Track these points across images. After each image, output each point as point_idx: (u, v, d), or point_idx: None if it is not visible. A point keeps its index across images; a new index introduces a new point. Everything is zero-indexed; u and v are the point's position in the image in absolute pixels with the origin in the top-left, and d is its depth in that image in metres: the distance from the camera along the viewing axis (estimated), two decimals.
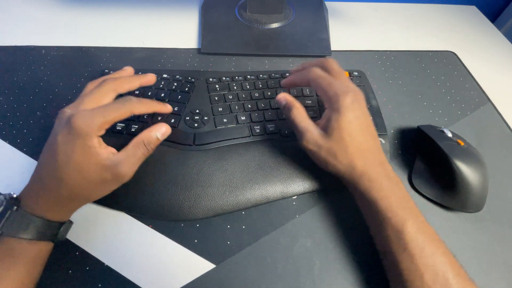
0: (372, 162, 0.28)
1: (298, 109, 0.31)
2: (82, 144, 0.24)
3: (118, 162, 0.25)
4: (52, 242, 0.26)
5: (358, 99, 0.29)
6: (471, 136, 0.39)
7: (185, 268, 0.28)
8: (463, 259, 0.30)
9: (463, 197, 0.31)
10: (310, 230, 0.31)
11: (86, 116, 0.25)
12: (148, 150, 0.27)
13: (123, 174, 0.26)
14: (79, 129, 0.24)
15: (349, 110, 0.28)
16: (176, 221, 0.31)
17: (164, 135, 0.28)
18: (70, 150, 0.24)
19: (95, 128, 0.24)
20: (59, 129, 0.25)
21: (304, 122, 0.30)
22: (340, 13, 0.57)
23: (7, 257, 0.24)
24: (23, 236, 0.24)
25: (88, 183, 0.25)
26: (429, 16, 0.58)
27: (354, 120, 0.28)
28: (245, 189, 0.32)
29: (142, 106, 0.28)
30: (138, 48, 0.47)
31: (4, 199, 0.24)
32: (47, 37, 0.47)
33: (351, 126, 0.28)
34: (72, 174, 0.24)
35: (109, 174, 0.25)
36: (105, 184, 0.26)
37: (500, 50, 0.53)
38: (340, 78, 0.31)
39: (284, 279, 0.28)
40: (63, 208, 0.26)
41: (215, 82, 0.40)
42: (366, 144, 0.29)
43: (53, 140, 0.25)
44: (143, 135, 0.27)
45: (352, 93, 0.29)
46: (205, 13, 0.52)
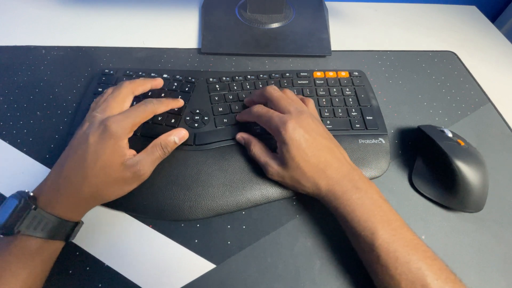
0: (336, 178, 0.28)
1: (255, 145, 0.32)
2: (114, 144, 0.27)
3: (137, 161, 0.28)
4: (64, 241, 0.27)
5: (300, 121, 0.29)
6: (471, 136, 0.39)
7: (186, 268, 0.28)
8: (463, 259, 0.30)
9: (463, 197, 0.31)
10: (310, 230, 0.31)
11: (119, 120, 0.27)
12: (165, 152, 0.30)
13: (141, 173, 0.28)
14: (113, 132, 0.26)
15: (293, 137, 0.28)
16: (177, 221, 0.31)
17: (181, 139, 0.31)
18: (101, 150, 0.26)
19: (127, 131, 0.27)
20: (92, 131, 0.27)
21: (263, 157, 0.31)
22: (340, 13, 0.57)
23: (22, 255, 0.24)
24: (39, 235, 0.24)
25: (110, 181, 0.27)
26: (429, 16, 0.58)
27: (303, 143, 0.29)
28: (245, 189, 0.32)
29: (162, 106, 0.31)
30: (138, 48, 0.47)
31: (22, 197, 0.24)
32: (47, 37, 0.47)
33: (302, 152, 0.28)
34: (98, 172, 0.26)
35: (130, 173, 0.27)
36: (125, 183, 0.28)
37: (500, 50, 0.53)
38: (280, 103, 0.31)
39: (284, 279, 0.28)
40: (81, 207, 0.27)
41: (215, 82, 0.40)
42: (323, 162, 0.29)
43: (83, 141, 0.27)
44: (161, 138, 0.30)
45: (290, 120, 0.29)
46: (205, 13, 0.52)
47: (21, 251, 0.24)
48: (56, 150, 0.35)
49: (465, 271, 0.29)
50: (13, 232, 0.23)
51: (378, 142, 0.36)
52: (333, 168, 0.29)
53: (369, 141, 0.36)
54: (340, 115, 0.38)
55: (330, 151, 0.29)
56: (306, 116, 0.30)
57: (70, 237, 0.27)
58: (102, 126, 0.27)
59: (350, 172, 0.29)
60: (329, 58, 0.47)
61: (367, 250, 0.25)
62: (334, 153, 0.29)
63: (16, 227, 0.23)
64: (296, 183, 0.29)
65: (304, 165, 0.28)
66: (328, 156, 0.29)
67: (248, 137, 0.33)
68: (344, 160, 0.30)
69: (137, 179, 0.28)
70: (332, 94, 0.40)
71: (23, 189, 0.26)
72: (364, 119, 0.37)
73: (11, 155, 0.34)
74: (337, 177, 0.28)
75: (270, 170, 0.30)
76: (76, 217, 0.27)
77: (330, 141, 0.30)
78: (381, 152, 0.35)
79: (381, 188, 0.34)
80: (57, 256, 0.26)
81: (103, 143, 0.26)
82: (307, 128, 0.29)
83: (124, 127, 0.27)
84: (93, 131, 0.27)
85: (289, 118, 0.29)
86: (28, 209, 0.24)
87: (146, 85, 0.33)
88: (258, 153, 0.32)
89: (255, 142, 0.32)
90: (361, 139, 0.36)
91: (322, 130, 0.30)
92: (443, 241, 0.31)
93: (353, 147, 0.35)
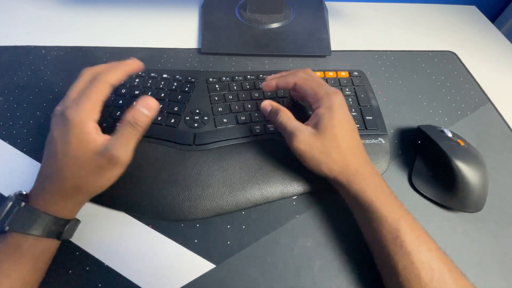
0: (363, 160, 0.29)
1: (284, 111, 0.31)
2: (78, 132, 0.25)
3: (110, 145, 0.25)
4: (58, 239, 0.26)
5: (344, 101, 0.30)
6: (471, 136, 0.39)
7: (185, 268, 0.28)
8: (463, 259, 0.30)
9: (463, 197, 0.31)
10: (310, 230, 0.31)
11: (75, 104, 0.25)
12: (137, 129, 0.26)
13: (116, 157, 0.25)
14: (72, 119, 0.25)
15: (340, 109, 0.29)
16: (176, 221, 0.31)
17: (151, 109, 0.26)
18: (67, 140, 0.25)
19: (86, 113, 0.25)
20: (54, 125, 0.26)
21: (293, 123, 0.30)
22: (340, 13, 0.57)
23: (14, 253, 0.24)
24: (30, 232, 0.24)
25: (86, 172, 0.25)
26: (429, 16, 0.58)
27: (345, 119, 0.29)
28: (245, 189, 0.32)
29: (113, 73, 0.27)
30: (138, 48, 0.47)
31: (13, 196, 0.25)
32: (47, 37, 0.47)
33: (342, 125, 0.29)
34: (70, 164, 0.25)
35: (104, 159, 0.25)
36: (103, 171, 0.26)
37: (500, 50, 0.53)
38: (323, 83, 0.32)
39: (284, 279, 0.28)
40: (68, 202, 0.26)
41: (215, 82, 0.40)
42: (355, 143, 0.30)
43: (50, 137, 0.26)
44: (128, 113, 0.26)
45: (341, 94, 0.30)
46: (205, 13, 0.52)
47: (12, 249, 0.24)
48: None
49: (465, 271, 0.29)
50: (4, 229, 0.24)
51: (378, 142, 0.36)
52: (362, 152, 0.30)
53: (369, 141, 0.36)
54: None
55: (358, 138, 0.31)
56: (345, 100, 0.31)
57: (62, 235, 0.26)
58: (61, 117, 0.25)
59: (369, 161, 0.30)
60: (329, 58, 0.47)
61: (390, 237, 0.25)
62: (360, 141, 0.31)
63: (6, 224, 0.24)
64: (325, 154, 0.28)
65: (341, 138, 0.29)
66: (358, 140, 0.30)
67: (277, 104, 0.32)
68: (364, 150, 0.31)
69: (116, 165, 0.25)
70: None
71: (23, 188, 0.26)
72: (364, 119, 0.37)
73: (11, 155, 0.34)
74: (363, 162, 0.29)
75: (301, 136, 0.29)
76: (67, 213, 0.27)
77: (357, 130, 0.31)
78: (381, 152, 0.35)
79: None
80: (51, 255, 0.26)
81: (67, 133, 0.25)
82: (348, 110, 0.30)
83: (82, 110, 0.25)
84: (55, 124, 0.26)
85: (339, 92, 0.30)
86: (17, 206, 0.24)
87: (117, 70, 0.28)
88: (286, 119, 0.30)
89: (285, 109, 0.31)
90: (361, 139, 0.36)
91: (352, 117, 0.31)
92: (443, 241, 0.31)
93: None
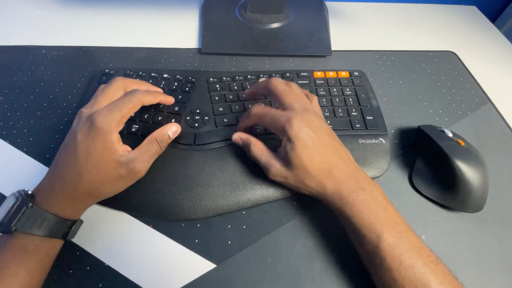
0: (341, 178, 0.27)
1: (255, 145, 0.31)
2: (103, 140, 0.26)
3: (133, 158, 0.27)
4: (63, 240, 0.27)
5: (305, 118, 0.28)
6: (472, 136, 0.39)
7: (186, 268, 0.28)
8: (463, 259, 0.30)
9: (463, 197, 0.31)
10: (311, 230, 0.31)
11: (105, 114, 0.26)
12: (160, 147, 0.29)
13: (137, 170, 0.27)
14: (100, 127, 0.26)
15: (299, 135, 0.27)
16: (177, 221, 0.31)
17: (175, 134, 0.30)
18: (91, 147, 0.25)
19: (114, 124, 0.26)
20: (79, 128, 0.26)
21: (265, 158, 0.30)
22: (341, 13, 0.57)
23: (20, 253, 0.24)
24: (36, 233, 0.24)
25: (105, 179, 0.26)
26: (429, 16, 0.58)
27: (309, 141, 0.27)
28: (245, 189, 0.32)
29: (149, 96, 0.30)
30: (138, 48, 0.47)
31: (20, 195, 0.25)
32: (47, 37, 0.47)
33: (307, 150, 0.27)
34: (91, 170, 0.26)
35: (124, 170, 0.27)
36: (120, 180, 0.27)
37: (500, 50, 0.53)
38: (285, 97, 0.30)
39: (284, 279, 0.28)
40: (78, 205, 0.27)
41: (215, 82, 0.40)
42: (329, 162, 0.28)
43: (72, 139, 0.26)
44: (156, 133, 0.29)
45: (295, 117, 0.28)
46: (206, 13, 0.52)
47: (18, 249, 0.24)
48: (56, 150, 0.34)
49: (465, 271, 0.29)
50: (11, 229, 0.23)
51: (378, 142, 0.36)
52: (338, 169, 0.28)
53: (369, 141, 0.36)
54: (341, 115, 0.38)
55: (335, 150, 0.29)
56: (311, 114, 0.29)
57: (68, 235, 0.27)
58: (88, 122, 0.26)
59: (355, 172, 0.28)
60: (329, 58, 0.47)
61: (371, 253, 0.25)
62: (339, 152, 0.29)
63: (13, 224, 0.23)
64: (301, 183, 0.28)
65: (309, 164, 0.27)
66: (334, 156, 0.28)
67: (246, 137, 0.31)
68: (349, 160, 0.29)
69: (133, 176, 0.28)
70: (333, 94, 0.40)
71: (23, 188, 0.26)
72: (365, 119, 0.37)
73: (11, 155, 0.34)
74: (343, 177, 0.27)
75: (273, 170, 0.29)
76: (74, 215, 0.27)
77: (335, 140, 0.29)
78: (381, 152, 0.35)
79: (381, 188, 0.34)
80: (55, 255, 0.26)
81: (92, 139, 0.26)
82: (312, 126, 0.28)
83: (111, 121, 0.26)
84: (81, 128, 0.26)
85: (294, 115, 0.28)
86: (24, 206, 0.24)
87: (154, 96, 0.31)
88: (259, 153, 0.30)
89: (255, 141, 0.31)
90: (362, 139, 0.36)
91: (326, 129, 0.29)
92: (443, 241, 0.31)
93: (354, 147, 0.35)
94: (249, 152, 0.31)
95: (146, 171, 0.28)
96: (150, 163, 0.29)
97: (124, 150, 0.27)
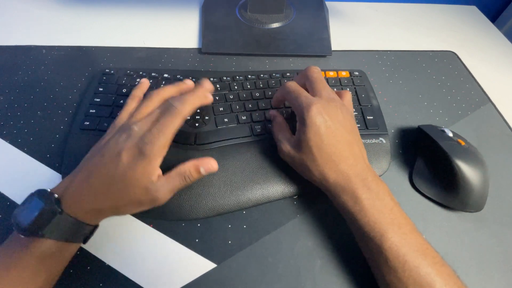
0: (347, 174, 0.27)
1: (277, 121, 0.32)
2: (147, 165, 0.25)
3: (159, 187, 0.25)
4: (84, 243, 0.27)
5: (328, 107, 0.28)
6: (472, 136, 0.39)
7: (186, 267, 0.28)
8: (463, 259, 0.30)
9: (463, 197, 0.31)
10: (311, 230, 0.31)
11: (155, 140, 0.25)
12: (187, 182, 0.27)
13: (159, 199, 0.26)
14: (148, 154, 0.24)
15: (314, 121, 0.27)
16: (177, 220, 0.31)
17: (208, 171, 0.27)
18: (132, 169, 0.24)
19: (163, 151, 0.25)
20: (126, 147, 0.25)
21: (280, 134, 0.31)
22: (341, 13, 0.57)
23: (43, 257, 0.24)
24: (61, 238, 0.24)
25: (129, 201, 0.25)
26: (429, 16, 0.58)
27: (322, 129, 0.27)
28: (246, 188, 0.32)
29: (187, 106, 0.27)
30: (138, 48, 0.47)
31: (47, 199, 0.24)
32: (48, 37, 0.47)
33: (318, 137, 0.27)
34: (122, 190, 0.25)
35: (149, 197, 0.25)
36: (140, 205, 0.26)
37: (500, 50, 0.53)
38: (316, 84, 0.30)
39: (285, 279, 0.28)
40: (100, 215, 0.26)
41: (216, 82, 0.40)
42: (338, 155, 0.27)
43: (116, 154, 0.25)
44: (188, 166, 0.27)
45: (317, 103, 0.28)
46: (206, 13, 0.52)
47: (42, 253, 0.23)
48: (56, 150, 0.35)
49: (465, 271, 0.29)
50: (37, 235, 0.23)
51: (379, 142, 0.36)
52: (347, 163, 0.27)
53: (369, 141, 0.36)
54: None
55: (349, 145, 0.28)
56: (336, 105, 0.29)
57: (88, 239, 0.27)
58: (138, 148, 0.25)
59: (364, 171, 0.28)
60: (329, 58, 0.47)
61: (375, 252, 0.25)
62: (353, 148, 0.28)
63: (43, 231, 0.23)
64: (305, 168, 0.29)
65: (316, 151, 0.27)
66: (345, 150, 0.28)
67: (275, 113, 0.34)
68: (361, 158, 0.28)
69: (152, 204, 0.26)
70: None
71: (23, 188, 0.25)
72: (365, 119, 0.37)
73: (11, 155, 0.34)
74: (349, 173, 0.27)
75: (283, 148, 0.30)
76: (95, 221, 0.27)
77: (353, 135, 0.29)
78: (381, 152, 0.35)
79: None
80: (72, 256, 0.26)
81: (136, 163, 0.24)
82: (333, 116, 0.28)
83: (160, 148, 0.25)
84: (128, 149, 0.25)
85: (316, 101, 0.28)
86: (54, 214, 0.23)
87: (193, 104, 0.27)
88: (277, 128, 0.31)
89: (279, 118, 0.33)
90: (362, 139, 0.36)
91: (348, 123, 0.29)
92: (444, 240, 0.31)
93: None
94: (271, 127, 0.33)
95: (165, 201, 0.27)
96: (172, 194, 0.27)
97: (157, 176, 0.26)
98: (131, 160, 0.24)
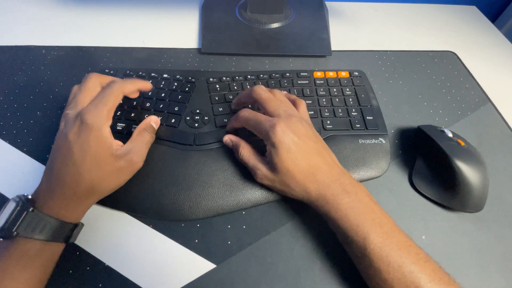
0: (326, 182, 0.28)
1: (244, 148, 0.31)
2: (96, 136, 0.26)
3: (129, 150, 0.28)
4: (66, 243, 0.27)
5: (289, 123, 0.28)
6: (472, 136, 0.39)
7: (186, 268, 0.28)
8: (463, 259, 0.30)
9: (463, 197, 0.31)
10: (311, 230, 0.31)
11: (92, 109, 0.26)
12: (151, 136, 0.31)
13: (135, 160, 0.28)
14: (90, 123, 0.26)
15: (283, 141, 0.28)
16: (177, 221, 0.31)
17: (156, 123, 0.32)
18: (85, 145, 0.26)
19: (104, 118, 0.27)
20: (69, 128, 0.26)
21: (252, 161, 0.30)
22: (341, 13, 0.57)
23: (22, 258, 0.24)
24: (38, 237, 0.24)
25: (104, 174, 0.26)
26: (429, 16, 0.58)
27: (292, 146, 0.28)
28: (245, 189, 0.32)
29: (128, 84, 0.30)
30: (138, 48, 0.47)
31: (20, 200, 0.25)
32: (47, 37, 0.47)
33: (292, 155, 0.28)
34: (90, 167, 0.26)
35: (123, 162, 0.27)
36: (120, 173, 0.28)
37: (500, 50, 0.53)
38: (268, 104, 0.30)
39: (284, 279, 0.28)
40: (79, 206, 0.27)
41: (215, 82, 0.40)
42: (313, 166, 0.28)
43: (63, 141, 0.26)
44: (143, 124, 0.31)
45: (279, 123, 0.28)
46: (206, 13, 0.52)
47: (20, 254, 0.24)
48: None
49: (465, 271, 0.29)
50: (12, 234, 0.23)
51: (378, 142, 0.36)
52: (323, 172, 0.28)
53: (369, 141, 0.36)
54: (340, 115, 0.38)
55: (320, 154, 0.29)
56: (296, 119, 0.29)
57: (70, 239, 0.27)
58: (77, 121, 0.26)
59: (340, 175, 0.28)
60: (329, 58, 0.47)
61: (359, 255, 0.25)
62: (324, 156, 0.29)
63: (14, 229, 0.23)
64: (286, 187, 0.29)
65: (293, 169, 0.28)
66: (318, 160, 0.28)
67: (236, 139, 0.32)
68: (333, 163, 0.29)
69: (132, 168, 0.28)
70: (332, 94, 0.40)
71: (23, 189, 0.26)
72: (364, 119, 0.37)
73: (11, 155, 0.34)
74: (327, 181, 0.28)
75: (260, 174, 0.29)
76: (75, 217, 0.27)
77: (320, 144, 0.30)
78: (381, 152, 0.35)
79: (381, 188, 0.34)
80: (57, 258, 0.26)
81: (85, 137, 0.26)
82: (296, 131, 0.28)
83: (100, 116, 0.26)
84: (71, 128, 0.26)
85: (278, 121, 0.28)
86: (25, 211, 0.24)
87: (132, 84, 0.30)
88: (247, 156, 0.31)
89: (244, 144, 0.31)
90: (361, 139, 0.36)
91: (311, 134, 0.30)
92: (443, 241, 0.31)
93: (353, 147, 0.35)
94: (237, 155, 0.32)
95: (143, 161, 0.29)
96: (146, 153, 0.30)
97: (117, 144, 0.28)
98: (77, 136, 0.26)
